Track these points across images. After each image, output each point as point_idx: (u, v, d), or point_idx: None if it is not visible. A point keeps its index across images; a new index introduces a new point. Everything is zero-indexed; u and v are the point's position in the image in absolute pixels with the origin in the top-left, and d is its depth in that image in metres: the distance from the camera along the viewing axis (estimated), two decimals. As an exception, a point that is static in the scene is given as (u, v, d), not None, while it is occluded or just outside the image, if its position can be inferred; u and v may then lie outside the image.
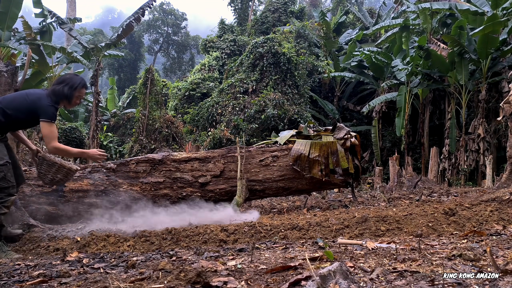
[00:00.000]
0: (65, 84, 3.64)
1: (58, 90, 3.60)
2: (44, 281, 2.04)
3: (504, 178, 6.47)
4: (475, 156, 12.19)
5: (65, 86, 3.63)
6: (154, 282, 1.90)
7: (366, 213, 3.90)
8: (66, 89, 3.62)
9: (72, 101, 3.70)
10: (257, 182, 5.44)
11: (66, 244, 3.25)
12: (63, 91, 3.61)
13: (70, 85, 3.64)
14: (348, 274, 1.71)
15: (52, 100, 3.57)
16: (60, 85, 3.64)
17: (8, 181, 3.40)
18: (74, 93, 3.66)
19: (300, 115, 13.51)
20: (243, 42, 19.33)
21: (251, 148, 5.71)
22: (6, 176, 3.39)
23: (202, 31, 45.00)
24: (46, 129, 3.50)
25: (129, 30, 13.12)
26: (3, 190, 3.37)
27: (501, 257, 2.23)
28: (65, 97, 3.63)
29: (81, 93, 3.75)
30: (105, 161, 4.03)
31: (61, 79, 3.73)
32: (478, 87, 12.53)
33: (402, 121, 13.31)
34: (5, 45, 10.84)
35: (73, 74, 3.90)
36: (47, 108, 3.51)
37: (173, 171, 5.23)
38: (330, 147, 5.60)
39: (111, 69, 35.14)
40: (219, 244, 3.18)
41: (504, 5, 11.57)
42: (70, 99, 3.66)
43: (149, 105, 13.83)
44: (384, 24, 15.18)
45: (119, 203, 4.72)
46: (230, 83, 14.94)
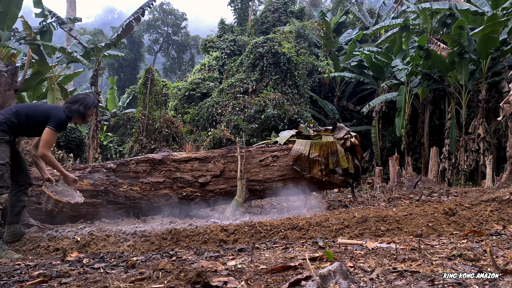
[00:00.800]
0: (80, 104, 4.01)
1: (74, 109, 3.97)
2: (44, 281, 2.04)
3: (504, 178, 6.48)
4: (475, 156, 12.19)
5: (80, 105, 4.00)
6: (154, 282, 1.90)
7: (366, 213, 3.90)
8: (82, 108, 3.98)
9: (85, 119, 4.08)
10: (257, 182, 5.44)
11: (66, 244, 3.25)
12: (78, 109, 3.97)
13: (85, 105, 4.01)
14: (348, 274, 1.71)
15: (67, 115, 3.90)
16: (75, 104, 4.01)
17: (4, 181, 3.53)
18: (88, 112, 4.04)
19: (300, 115, 13.51)
20: (243, 42, 19.33)
21: (251, 148, 5.72)
22: (3, 176, 3.53)
23: (203, 31, 45.00)
24: (47, 136, 3.73)
25: (129, 30, 13.11)
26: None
27: (501, 257, 2.23)
28: (80, 115, 4.00)
29: (92, 112, 4.16)
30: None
31: (76, 98, 4.11)
32: (478, 87, 12.53)
33: (402, 121, 13.31)
34: (5, 45, 10.83)
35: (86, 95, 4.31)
36: (59, 118, 3.80)
37: (173, 171, 5.23)
38: (330, 147, 5.60)
39: (111, 69, 35.13)
40: (219, 244, 3.18)
41: (504, 5, 11.56)
42: (84, 117, 4.05)
43: (149, 105, 13.83)
44: (384, 24, 15.18)
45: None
46: (230, 83, 14.93)
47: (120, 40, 13.28)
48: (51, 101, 12.54)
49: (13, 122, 3.70)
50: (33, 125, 3.81)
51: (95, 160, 12.61)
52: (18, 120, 3.73)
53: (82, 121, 4.11)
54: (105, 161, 12.56)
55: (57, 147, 13.51)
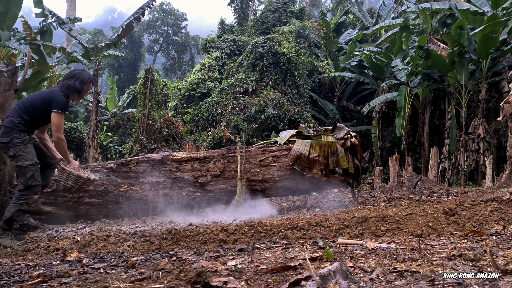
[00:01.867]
0: (76, 79, 4.00)
1: (70, 84, 3.96)
2: (44, 281, 2.04)
3: (504, 178, 6.47)
4: (475, 156, 12.19)
5: (76, 80, 3.99)
6: (154, 282, 1.90)
7: (366, 213, 3.90)
8: (77, 83, 3.98)
9: (82, 94, 4.06)
10: (257, 182, 5.44)
11: (66, 244, 3.24)
12: (74, 85, 3.97)
13: (81, 80, 4.00)
14: (348, 274, 1.72)
15: (64, 93, 3.91)
16: (71, 79, 4.00)
17: (35, 180, 3.72)
18: (84, 87, 4.04)
19: (300, 115, 13.50)
20: (243, 42, 19.32)
21: (251, 148, 5.71)
22: (34, 176, 3.71)
23: (203, 31, 44.98)
24: (56, 119, 3.80)
25: (129, 30, 13.11)
26: (30, 188, 3.70)
27: (501, 257, 2.23)
28: (76, 90, 3.99)
29: (89, 87, 4.12)
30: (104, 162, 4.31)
31: (71, 74, 4.09)
32: (478, 87, 12.53)
33: (402, 121, 13.30)
34: (5, 45, 10.83)
35: (82, 70, 4.25)
36: (59, 99, 3.83)
37: (173, 171, 5.23)
38: (330, 147, 5.60)
39: (111, 69, 35.13)
40: (219, 244, 3.18)
41: (504, 5, 11.56)
42: (81, 92, 4.03)
43: (149, 105, 13.83)
44: (384, 24, 15.17)
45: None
46: (230, 83, 14.93)
47: (120, 40, 13.28)
48: (51, 101, 12.53)
49: (26, 119, 3.79)
50: (43, 113, 3.85)
51: (95, 160, 12.61)
52: (28, 116, 3.81)
53: (79, 96, 4.08)
54: (105, 161, 12.55)
55: (57, 147, 13.49)
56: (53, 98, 3.84)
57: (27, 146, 3.77)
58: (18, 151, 3.72)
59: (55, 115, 3.78)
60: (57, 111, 3.78)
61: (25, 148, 3.75)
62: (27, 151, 3.75)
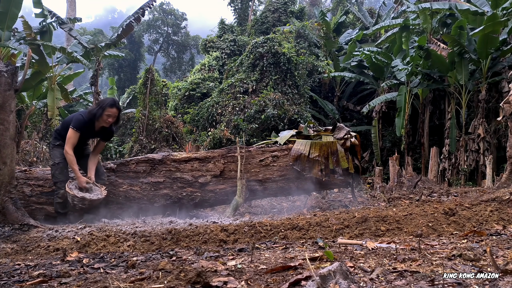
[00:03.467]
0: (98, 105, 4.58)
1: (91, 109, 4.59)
2: (44, 281, 2.04)
3: (504, 178, 6.47)
4: (475, 156, 12.18)
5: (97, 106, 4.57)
6: (154, 282, 1.90)
7: (366, 213, 3.90)
8: (97, 109, 4.50)
9: (101, 119, 4.50)
10: (257, 182, 5.44)
11: (66, 244, 3.24)
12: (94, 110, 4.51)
13: (100, 106, 4.52)
14: (348, 274, 1.72)
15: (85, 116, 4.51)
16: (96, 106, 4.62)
17: (56, 177, 4.47)
18: (103, 112, 4.46)
19: (300, 115, 13.50)
20: (243, 42, 19.31)
21: (251, 148, 5.71)
22: (54, 174, 4.49)
23: (204, 31, 44.98)
24: (68, 134, 4.44)
25: (129, 30, 13.10)
26: (55, 183, 4.48)
27: (501, 257, 2.23)
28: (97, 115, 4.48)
29: (109, 112, 4.49)
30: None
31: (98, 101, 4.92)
32: (478, 87, 12.52)
33: (402, 121, 13.30)
34: (5, 45, 10.83)
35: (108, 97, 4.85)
36: (76, 119, 4.50)
37: (173, 171, 5.23)
38: (330, 147, 5.60)
39: (111, 69, 35.10)
40: (219, 244, 3.18)
41: (504, 5, 11.55)
42: (99, 117, 4.48)
43: (149, 105, 13.82)
44: (384, 24, 15.16)
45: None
46: (230, 83, 14.92)
47: (120, 40, 13.27)
48: (51, 101, 12.55)
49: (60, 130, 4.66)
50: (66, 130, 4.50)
51: (95, 160, 12.57)
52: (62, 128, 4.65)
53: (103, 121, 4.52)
54: (105, 161, 12.55)
55: (57, 147, 13.49)
56: (74, 116, 4.56)
57: (54, 149, 4.58)
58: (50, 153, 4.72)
59: (70, 130, 4.43)
60: (71, 127, 4.43)
61: (52, 150, 4.61)
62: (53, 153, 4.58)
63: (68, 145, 4.39)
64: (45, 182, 4.79)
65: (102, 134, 4.76)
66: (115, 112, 4.52)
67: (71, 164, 4.42)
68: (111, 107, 4.46)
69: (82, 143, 4.70)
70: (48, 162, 11.14)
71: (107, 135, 4.84)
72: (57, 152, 4.52)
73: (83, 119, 4.47)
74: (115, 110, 4.50)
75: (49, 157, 11.66)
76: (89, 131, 4.60)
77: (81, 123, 4.45)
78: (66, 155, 4.38)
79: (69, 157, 4.38)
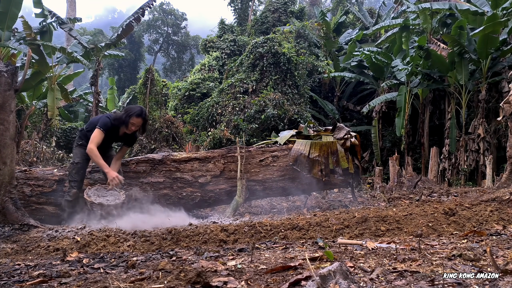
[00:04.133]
0: (124, 112, 4.65)
1: (118, 115, 4.67)
2: (44, 281, 2.04)
3: (504, 178, 6.47)
4: (475, 156, 12.18)
5: (124, 113, 4.62)
6: (154, 282, 1.90)
7: (366, 213, 3.90)
8: (124, 116, 4.57)
9: (128, 127, 4.58)
10: (257, 182, 5.44)
11: (66, 244, 3.24)
12: (121, 116, 4.59)
13: (127, 113, 4.57)
14: (348, 274, 1.71)
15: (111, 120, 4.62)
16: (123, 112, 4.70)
17: (72, 176, 4.54)
18: (129, 120, 4.53)
19: (300, 115, 13.50)
20: (243, 42, 19.31)
21: (251, 148, 5.71)
22: (71, 173, 4.56)
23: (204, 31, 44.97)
24: (94, 133, 4.50)
25: (129, 30, 13.11)
26: (69, 182, 4.57)
27: (501, 257, 2.23)
28: (122, 122, 4.57)
29: (135, 121, 4.56)
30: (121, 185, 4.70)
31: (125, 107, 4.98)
32: (478, 87, 12.52)
33: (402, 121, 13.30)
34: (5, 45, 10.83)
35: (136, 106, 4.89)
36: (102, 120, 4.59)
37: (173, 171, 5.23)
38: (330, 147, 5.60)
39: (111, 69, 35.10)
40: (219, 244, 3.18)
41: (504, 5, 11.55)
42: (126, 125, 4.57)
43: (149, 105, 13.82)
44: (384, 24, 15.16)
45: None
46: (230, 83, 14.92)
47: (120, 40, 13.28)
48: (51, 101, 12.56)
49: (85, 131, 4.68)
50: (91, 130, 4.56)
51: (95, 160, 12.58)
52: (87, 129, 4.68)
53: (126, 128, 4.60)
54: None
55: (57, 147, 13.52)
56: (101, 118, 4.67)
57: (76, 148, 4.68)
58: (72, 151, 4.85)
59: (95, 129, 4.51)
60: (97, 127, 4.51)
61: (74, 149, 4.69)
62: (74, 152, 4.67)
63: (93, 143, 4.44)
64: (45, 182, 4.79)
65: (126, 139, 4.87)
66: (139, 122, 4.59)
67: (97, 159, 4.45)
68: (137, 117, 4.53)
69: (106, 146, 4.75)
70: (48, 162, 11.14)
71: (130, 140, 4.97)
72: (78, 152, 4.60)
73: (110, 121, 4.57)
74: (140, 120, 4.57)
75: (49, 157, 11.67)
76: (113, 134, 4.70)
77: (107, 125, 4.54)
78: (90, 152, 4.43)
79: (93, 154, 4.43)
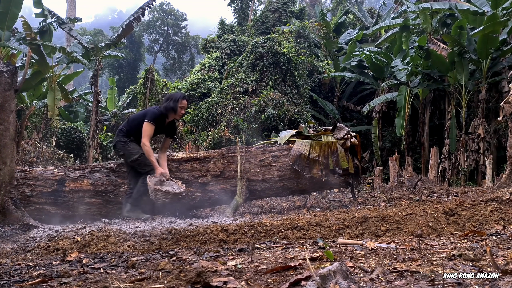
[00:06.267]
0: (170, 99, 4.78)
1: (166, 105, 4.77)
2: (44, 281, 2.04)
3: (504, 178, 6.46)
4: (475, 156, 12.18)
5: (170, 101, 4.76)
6: (154, 282, 1.90)
7: (366, 213, 3.90)
8: (171, 102, 4.74)
9: (178, 112, 4.80)
10: (257, 182, 5.44)
11: (66, 244, 3.24)
12: (169, 104, 4.73)
13: (174, 99, 4.76)
14: (348, 274, 1.72)
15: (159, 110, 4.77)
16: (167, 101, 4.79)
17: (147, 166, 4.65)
18: (177, 105, 4.75)
19: (300, 115, 13.50)
20: (243, 42, 19.31)
21: (251, 148, 5.71)
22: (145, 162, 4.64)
23: (204, 32, 44.97)
24: (144, 127, 4.65)
25: (129, 30, 13.10)
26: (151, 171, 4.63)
27: (501, 257, 2.23)
28: (171, 109, 4.74)
29: (183, 104, 4.81)
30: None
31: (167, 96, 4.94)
32: (478, 87, 12.52)
33: (402, 121, 13.30)
34: (5, 45, 10.83)
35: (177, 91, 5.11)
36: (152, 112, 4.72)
37: (173, 171, 5.22)
38: (330, 147, 5.60)
39: (111, 69, 35.10)
40: (219, 244, 3.18)
41: (504, 5, 11.55)
42: (176, 110, 4.77)
43: (149, 105, 13.82)
44: (384, 24, 15.16)
45: None
46: (230, 83, 14.92)
47: (120, 40, 13.28)
48: (51, 101, 12.56)
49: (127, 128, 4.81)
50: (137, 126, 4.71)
51: (95, 160, 12.61)
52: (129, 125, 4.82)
53: (175, 114, 4.79)
54: (105, 161, 12.54)
55: (57, 147, 13.51)
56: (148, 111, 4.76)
57: (128, 145, 4.70)
58: (123, 150, 4.73)
59: (145, 123, 4.63)
60: (146, 120, 4.62)
61: (127, 146, 4.70)
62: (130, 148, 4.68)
63: (146, 138, 4.58)
64: (45, 182, 4.79)
65: (167, 130, 5.06)
66: (186, 104, 4.87)
67: (149, 155, 4.58)
68: (183, 99, 4.79)
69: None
70: (48, 162, 11.13)
71: (172, 131, 5.15)
72: (133, 146, 4.70)
73: (158, 112, 4.71)
74: (186, 102, 4.85)
75: (49, 157, 11.66)
76: (160, 125, 4.85)
77: (156, 116, 4.68)
78: (144, 147, 4.56)
79: (146, 149, 4.57)
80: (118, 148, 4.80)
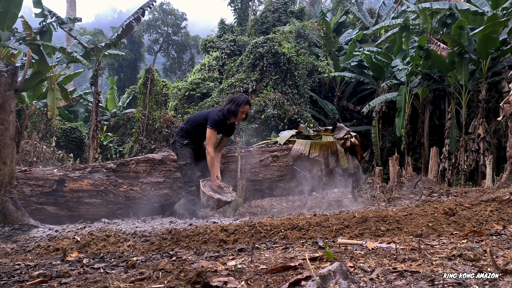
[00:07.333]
0: (232, 103, 4.67)
1: (227, 108, 4.67)
2: (44, 281, 2.04)
3: (504, 178, 6.47)
4: (475, 156, 12.18)
5: (232, 104, 4.66)
6: (154, 282, 1.90)
7: (366, 213, 3.90)
8: (233, 106, 4.64)
9: (238, 116, 4.70)
10: (257, 182, 5.44)
11: (66, 244, 3.24)
12: (231, 108, 4.64)
13: (236, 103, 4.65)
14: (348, 274, 1.72)
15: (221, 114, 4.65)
16: (229, 104, 4.70)
17: (188, 177, 4.66)
18: (239, 109, 4.65)
19: (300, 115, 13.50)
20: (243, 42, 19.30)
21: (251, 148, 5.71)
22: (186, 173, 4.66)
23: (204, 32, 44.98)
24: (208, 134, 4.59)
25: (129, 30, 13.10)
26: (185, 183, 4.67)
27: (501, 257, 2.23)
28: (232, 112, 4.64)
29: (245, 108, 4.71)
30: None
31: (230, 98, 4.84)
32: (478, 87, 12.52)
33: (402, 121, 13.30)
34: (5, 45, 10.83)
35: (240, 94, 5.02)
36: (213, 118, 4.61)
37: (173, 171, 5.23)
38: (330, 147, 5.60)
39: (111, 69, 35.10)
40: (219, 244, 3.18)
41: (504, 5, 11.55)
42: (236, 114, 4.67)
43: (149, 105, 13.82)
44: (384, 24, 15.16)
45: None
46: (230, 83, 14.92)
47: (120, 40, 13.28)
48: (51, 101, 12.56)
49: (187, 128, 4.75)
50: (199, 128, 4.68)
51: (95, 160, 12.61)
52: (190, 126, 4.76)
53: (235, 118, 4.69)
54: (105, 161, 12.54)
55: (57, 147, 13.51)
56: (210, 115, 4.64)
57: (183, 149, 4.67)
58: (177, 151, 4.75)
59: (208, 130, 4.57)
60: (209, 127, 4.57)
61: (182, 150, 4.68)
62: (183, 153, 4.66)
63: (211, 147, 4.54)
64: (45, 182, 4.79)
65: (227, 130, 5.00)
66: (248, 109, 4.78)
67: (211, 166, 4.56)
68: (246, 104, 4.68)
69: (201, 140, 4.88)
70: (48, 162, 11.13)
71: (231, 131, 5.07)
72: (187, 152, 4.68)
73: (219, 118, 4.63)
74: (248, 107, 4.75)
75: (49, 157, 11.66)
76: (221, 128, 4.82)
77: (218, 122, 4.62)
78: (208, 156, 4.54)
79: (210, 159, 4.54)
80: (174, 147, 4.82)
